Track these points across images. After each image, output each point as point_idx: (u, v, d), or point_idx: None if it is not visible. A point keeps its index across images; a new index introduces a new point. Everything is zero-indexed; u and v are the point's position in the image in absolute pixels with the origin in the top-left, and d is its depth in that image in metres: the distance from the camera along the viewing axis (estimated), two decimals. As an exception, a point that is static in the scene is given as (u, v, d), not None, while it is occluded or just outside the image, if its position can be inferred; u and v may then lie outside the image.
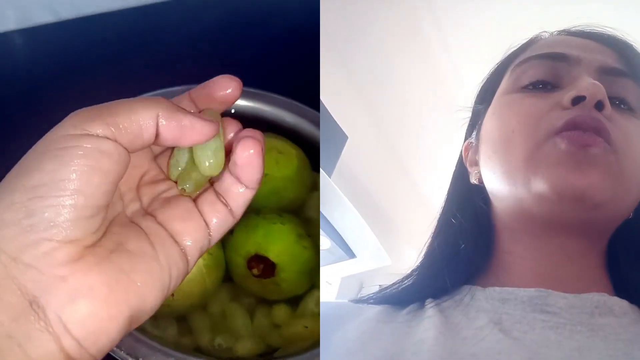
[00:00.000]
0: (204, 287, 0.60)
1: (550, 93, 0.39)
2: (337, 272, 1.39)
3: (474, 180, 0.43)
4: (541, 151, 0.37)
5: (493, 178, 0.40)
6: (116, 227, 0.35)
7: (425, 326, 0.37)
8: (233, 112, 0.67)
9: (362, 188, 1.35)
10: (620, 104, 0.39)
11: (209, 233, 0.39)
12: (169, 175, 0.40)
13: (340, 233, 1.20)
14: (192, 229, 0.38)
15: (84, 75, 0.83)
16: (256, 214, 0.63)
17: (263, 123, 0.70)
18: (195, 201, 0.39)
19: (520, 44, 0.45)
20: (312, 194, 0.69)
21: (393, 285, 0.44)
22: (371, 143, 1.32)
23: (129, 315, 0.33)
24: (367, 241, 1.22)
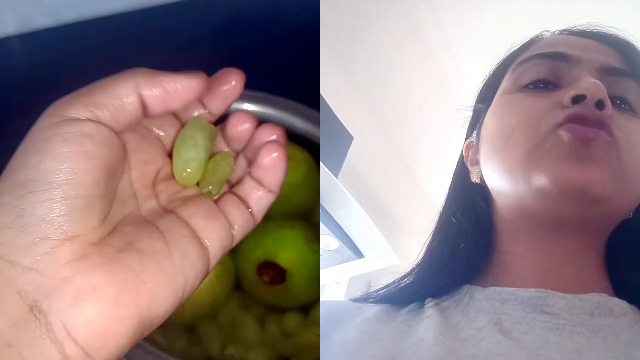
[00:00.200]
0: (214, 296, 0.60)
1: (550, 92, 0.39)
2: (346, 272, 1.39)
3: (475, 179, 0.44)
4: (543, 147, 0.36)
5: (494, 176, 0.40)
6: (127, 226, 0.34)
7: (424, 326, 0.37)
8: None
9: (367, 187, 1.35)
10: (621, 104, 0.39)
11: (233, 233, 0.38)
12: (176, 176, 0.38)
13: (347, 233, 1.20)
14: (218, 227, 0.36)
15: (85, 79, 0.81)
16: (264, 220, 0.62)
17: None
18: (218, 201, 0.38)
19: (521, 44, 0.45)
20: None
21: (392, 283, 0.44)
22: (374, 143, 1.32)
23: (139, 318, 0.31)
24: (375, 241, 1.22)
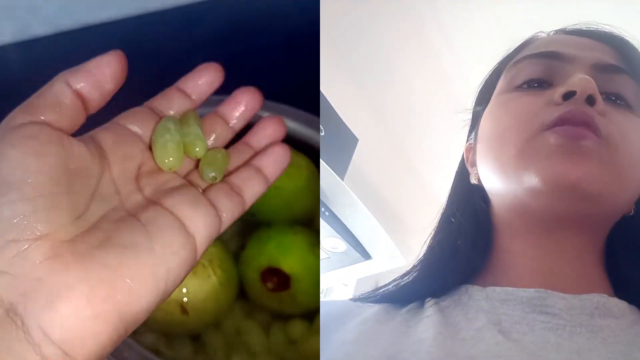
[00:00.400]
0: (219, 305, 0.59)
1: (544, 91, 0.40)
2: (353, 274, 1.39)
3: (474, 180, 0.44)
4: (532, 146, 0.37)
5: (489, 176, 0.41)
6: (107, 223, 0.34)
7: (424, 326, 0.37)
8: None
9: (371, 189, 1.35)
10: (616, 100, 0.39)
11: (220, 219, 0.38)
12: (159, 164, 0.39)
13: (355, 235, 1.20)
14: (203, 213, 0.37)
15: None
16: (267, 227, 0.63)
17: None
18: (206, 190, 0.39)
19: (517, 45, 0.46)
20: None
21: (392, 282, 0.44)
22: (378, 144, 1.32)
23: (117, 314, 0.31)
24: (382, 242, 1.22)
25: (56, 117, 0.34)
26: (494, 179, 0.40)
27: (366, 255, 1.29)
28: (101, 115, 0.39)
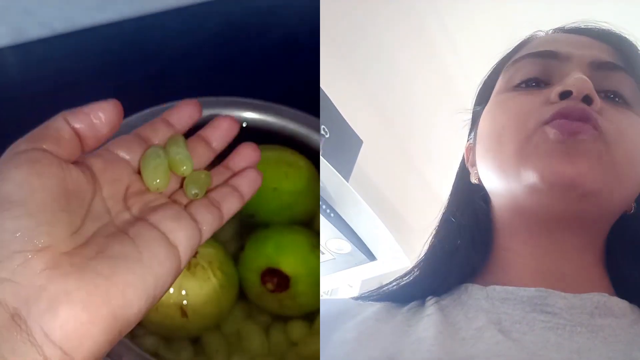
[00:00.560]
0: (219, 308, 0.59)
1: (541, 90, 0.40)
2: (359, 275, 1.39)
3: (474, 180, 0.44)
4: (530, 143, 0.37)
5: (488, 175, 0.41)
6: (100, 237, 0.37)
7: (424, 325, 0.38)
8: (244, 126, 0.67)
9: (376, 189, 1.35)
10: (614, 98, 0.39)
11: (200, 231, 0.41)
12: (148, 185, 0.43)
13: (360, 236, 1.20)
14: (184, 226, 0.40)
15: (80, 89, 0.81)
16: (265, 228, 0.63)
17: (270, 135, 0.69)
18: (188, 205, 0.43)
19: (515, 45, 0.46)
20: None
21: (393, 281, 0.45)
22: (382, 145, 1.32)
23: (112, 317, 0.34)
24: (387, 243, 1.22)
25: (56, 148, 0.38)
26: (494, 178, 0.40)
27: (371, 256, 1.29)
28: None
